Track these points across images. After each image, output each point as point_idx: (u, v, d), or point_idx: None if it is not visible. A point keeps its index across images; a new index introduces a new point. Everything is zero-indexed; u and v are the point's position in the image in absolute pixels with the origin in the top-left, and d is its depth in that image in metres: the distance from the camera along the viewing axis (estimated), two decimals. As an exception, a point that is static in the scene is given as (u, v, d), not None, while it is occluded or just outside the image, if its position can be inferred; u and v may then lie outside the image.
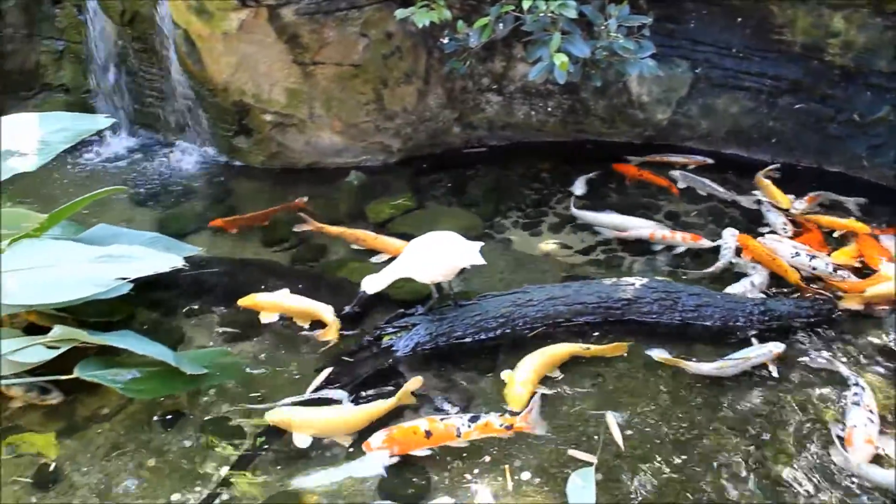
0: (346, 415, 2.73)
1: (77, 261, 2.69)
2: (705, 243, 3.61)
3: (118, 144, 4.77)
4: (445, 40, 4.00)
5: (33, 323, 3.06)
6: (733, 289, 3.36)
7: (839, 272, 3.40)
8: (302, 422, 2.69)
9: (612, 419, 2.73)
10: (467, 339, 3.07)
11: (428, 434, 2.63)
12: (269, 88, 4.13)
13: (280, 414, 2.73)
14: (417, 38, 4.15)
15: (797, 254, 3.49)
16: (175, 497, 2.59)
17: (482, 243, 3.16)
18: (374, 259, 3.60)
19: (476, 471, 2.62)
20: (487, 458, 2.65)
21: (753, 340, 3.05)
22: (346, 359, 3.00)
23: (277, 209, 3.96)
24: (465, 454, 2.67)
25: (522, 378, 2.84)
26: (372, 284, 3.05)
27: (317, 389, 2.88)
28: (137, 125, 4.83)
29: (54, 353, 2.74)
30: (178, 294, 3.43)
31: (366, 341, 3.07)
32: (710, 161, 4.36)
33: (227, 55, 4.01)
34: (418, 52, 4.20)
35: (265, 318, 3.24)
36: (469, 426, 2.66)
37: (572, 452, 2.65)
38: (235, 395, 2.92)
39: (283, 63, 4.03)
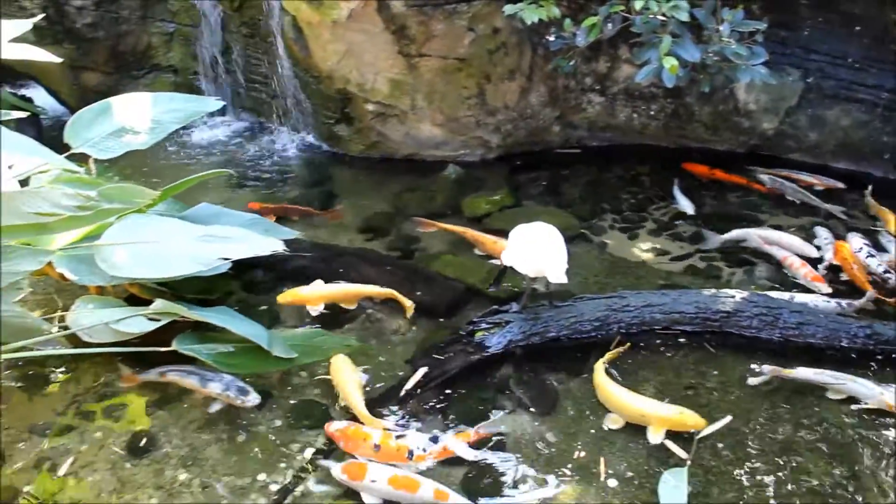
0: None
1: (182, 238, 2.74)
2: (823, 288, 3.40)
3: (221, 127, 4.87)
4: (552, 38, 3.96)
5: (134, 295, 3.14)
6: (802, 296, 3.26)
7: None
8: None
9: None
10: (561, 340, 3.03)
11: (376, 447, 2.60)
12: (373, 78, 4.15)
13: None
14: (523, 34, 4.12)
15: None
16: (261, 476, 2.63)
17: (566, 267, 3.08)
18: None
19: (568, 466, 2.59)
20: (581, 454, 2.63)
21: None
22: (438, 356, 2.98)
23: (316, 212, 3.96)
24: (553, 451, 2.64)
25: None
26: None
27: (410, 390, 2.86)
28: (241, 108, 4.92)
29: (155, 326, 2.81)
30: (273, 276, 3.48)
31: (458, 335, 3.06)
32: (840, 185, 4.14)
33: (334, 43, 4.05)
34: (524, 48, 4.17)
35: (313, 310, 3.26)
36: (423, 450, 2.62)
37: (668, 443, 2.62)
38: (326, 379, 2.94)
39: (389, 53, 4.04)
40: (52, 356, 3.07)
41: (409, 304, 3.22)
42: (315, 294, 3.27)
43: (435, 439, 2.67)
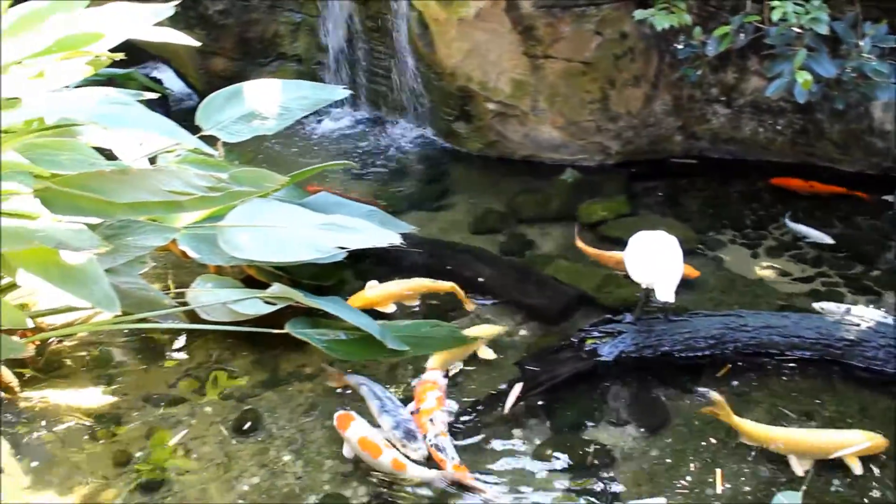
0: None
1: (302, 225, 2.79)
2: None
3: (341, 117, 4.94)
4: (680, 46, 3.88)
5: (250, 277, 3.21)
6: (828, 305, 3.14)
7: None
8: None
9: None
10: (674, 355, 2.95)
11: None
12: (496, 77, 4.14)
13: None
14: (651, 40, 4.04)
15: None
16: (360, 473, 2.64)
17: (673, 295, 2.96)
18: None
19: (675, 484, 2.54)
20: (689, 473, 2.57)
21: None
22: (530, 367, 2.94)
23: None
24: (659, 468, 2.59)
25: None
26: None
27: (512, 407, 2.81)
28: (361, 100, 4.98)
29: (270, 309, 2.87)
30: (385, 269, 3.50)
31: (569, 342, 3.02)
32: None
33: (459, 41, 4.05)
34: (650, 55, 4.09)
35: (386, 310, 3.25)
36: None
37: (791, 459, 2.55)
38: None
39: (513, 54, 4.03)
40: (169, 329, 3.16)
41: (470, 305, 3.24)
42: (383, 294, 3.26)
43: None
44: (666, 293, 2.82)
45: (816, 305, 3.19)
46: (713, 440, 2.70)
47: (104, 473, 2.65)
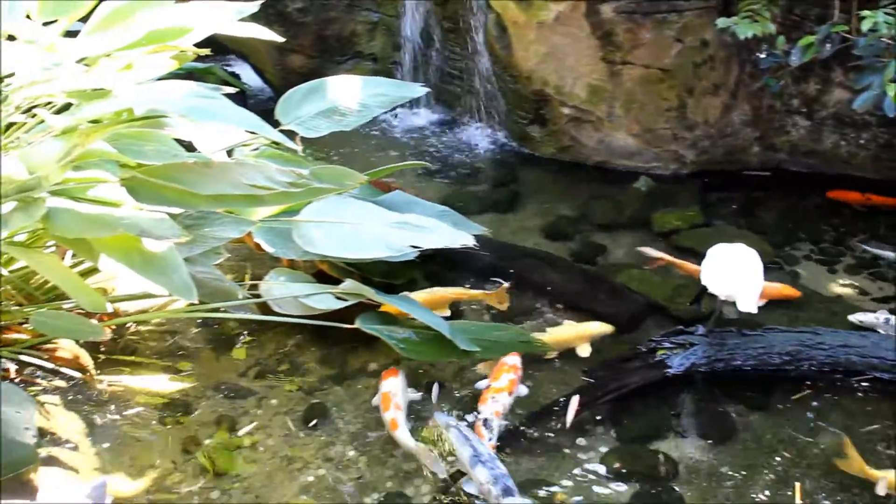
0: None
1: (376, 222, 2.81)
2: None
3: (415, 116, 4.97)
4: (762, 55, 3.81)
5: (322, 272, 3.24)
6: (865, 317, 3.05)
7: None
8: None
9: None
10: (746, 370, 2.90)
11: None
12: (572, 82, 4.12)
13: None
14: (732, 49, 3.98)
15: None
16: (424, 472, 2.64)
17: (758, 304, 2.93)
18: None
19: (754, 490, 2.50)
20: (758, 491, 2.52)
21: None
22: (587, 379, 2.92)
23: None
24: (727, 483, 2.54)
25: None
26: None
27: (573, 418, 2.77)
28: (435, 101, 5.00)
29: (341, 305, 2.89)
30: (455, 269, 3.50)
31: (639, 351, 2.99)
32: None
33: (537, 44, 4.04)
34: (731, 64, 4.03)
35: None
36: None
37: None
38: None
39: (591, 59, 4.00)
40: (240, 320, 3.21)
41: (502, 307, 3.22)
42: (438, 297, 3.23)
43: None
44: (749, 304, 2.78)
45: (853, 318, 3.13)
46: (786, 455, 2.64)
47: (172, 458, 2.69)
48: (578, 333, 3.07)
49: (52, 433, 2.70)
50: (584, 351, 3.03)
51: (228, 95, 2.78)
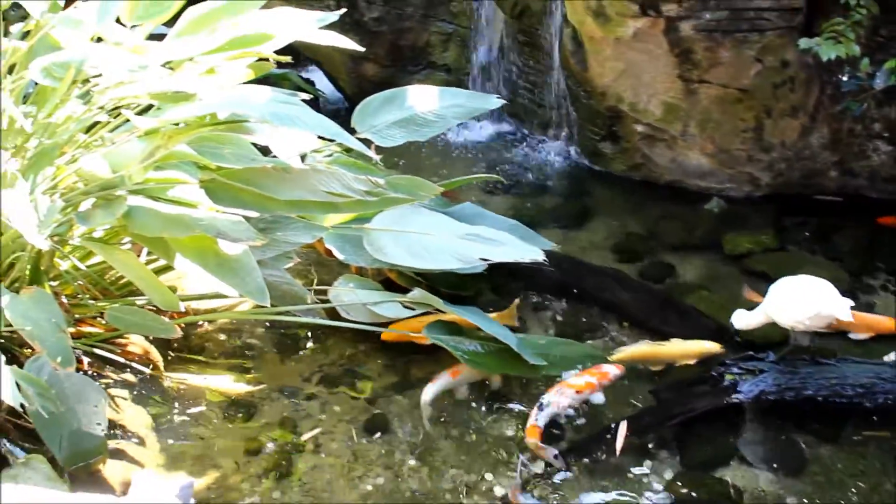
0: None
1: (446, 233, 2.82)
2: None
3: (485, 129, 4.96)
4: (845, 77, 3.73)
5: (390, 280, 3.26)
6: None
7: None
8: None
9: None
10: (817, 400, 2.83)
11: None
12: (647, 99, 4.08)
13: None
14: (813, 70, 3.89)
15: None
16: (488, 476, 2.64)
17: (853, 302, 2.89)
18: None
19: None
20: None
21: None
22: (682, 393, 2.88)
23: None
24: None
25: None
26: (742, 320, 2.92)
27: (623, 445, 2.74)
28: (507, 113, 4.99)
29: (409, 314, 2.90)
30: (522, 283, 3.49)
31: (707, 375, 2.94)
32: None
33: (614, 60, 4.01)
34: (811, 85, 3.94)
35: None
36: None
37: None
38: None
39: (668, 76, 3.96)
40: (307, 324, 3.23)
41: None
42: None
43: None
44: (844, 312, 2.78)
45: (888, 358, 3.05)
46: (856, 491, 2.57)
47: (235, 459, 2.73)
48: (686, 350, 3.04)
49: (121, 426, 2.76)
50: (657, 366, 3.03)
51: (304, 102, 2.83)
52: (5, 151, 2.68)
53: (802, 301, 2.83)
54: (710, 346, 3.03)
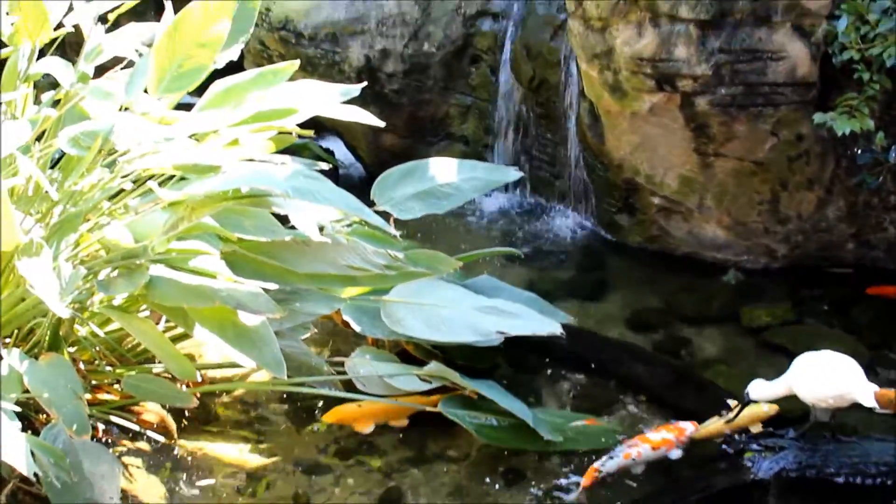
0: None
1: (464, 306, 2.83)
2: None
3: (502, 200, 5.00)
4: (859, 151, 3.75)
5: (406, 352, 3.26)
6: None
7: None
8: None
9: None
10: (839, 480, 2.78)
11: None
12: (664, 172, 4.11)
13: None
14: (828, 144, 3.92)
15: None
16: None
17: (876, 387, 2.85)
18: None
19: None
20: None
21: None
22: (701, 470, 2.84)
23: None
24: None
25: None
26: (759, 391, 2.88)
27: None
28: (522, 185, 5.03)
29: (426, 387, 2.90)
30: (536, 356, 3.48)
31: (725, 452, 2.91)
32: None
33: (630, 134, 4.05)
34: (826, 158, 3.96)
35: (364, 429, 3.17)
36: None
37: None
38: (581, 468, 2.87)
39: (683, 150, 3.99)
40: (322, 395, 3.23)
41: None
42: (364, 412, 3.10)
43: None
44: (867, 397, 2.74)
45: None
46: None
47: (247, 533, 2.71)
48: (753, 416, 3.00)
49: (133, 496, 2.75)
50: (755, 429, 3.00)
51: (323, 171, 2.88)
52: (30, 217, 2.74)
53: (827, 379, 2.80)
54: (770, 409, 2.99)
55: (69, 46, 3.97)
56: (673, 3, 3.55)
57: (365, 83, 3.20)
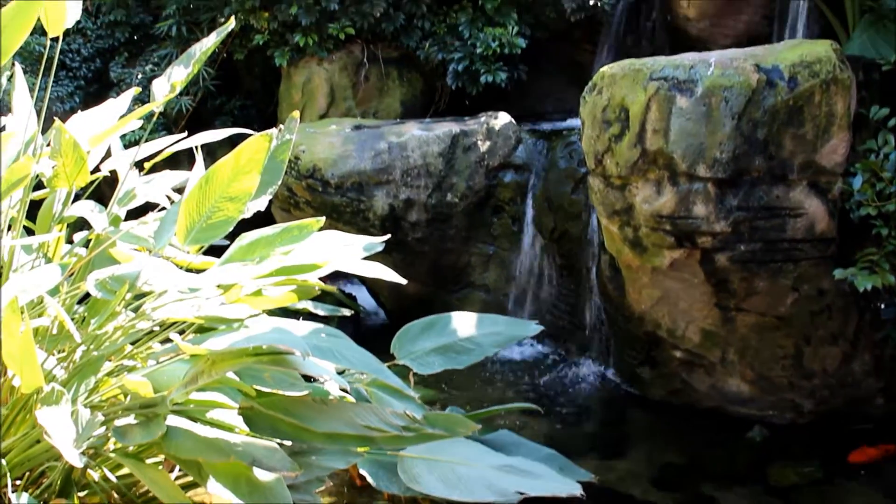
0: None
1: (482, 464, 2.77)
2: None
3: (524, 349, 4.99)
4: (883, 305, 3.73)
5: (426, 510, 3.18)
6: None
7: None
8: None
9: None
10: None
11: None
12: (685, 326, 4.10)
13: None
14: (850, 298, 3.91)
15: None
16: None
17: None
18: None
19: None
20: None
21: None
22: None
23: None
24: None
25: None
26: None
27: None
28: (543, 335, 5.03)
29: (441, 546, 2.81)
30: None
31: None
32: None
33: (650, 288, 4.07)
34: (850, 313, 3.94)
35: None
36: None
37: None
38: None
39: (704, 304, 3.99)
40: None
41: None
42: None
43: None
44: None
45: None
46: None
47: None
48: None
49: None
50: None
51: (345, 317, 2.87)
52: (52, 357, 2.76)
53: None
54: None
55: (105, 182, 4.11)
56: (691, 162, 3.64)
57: (388, 236, 3.25)
